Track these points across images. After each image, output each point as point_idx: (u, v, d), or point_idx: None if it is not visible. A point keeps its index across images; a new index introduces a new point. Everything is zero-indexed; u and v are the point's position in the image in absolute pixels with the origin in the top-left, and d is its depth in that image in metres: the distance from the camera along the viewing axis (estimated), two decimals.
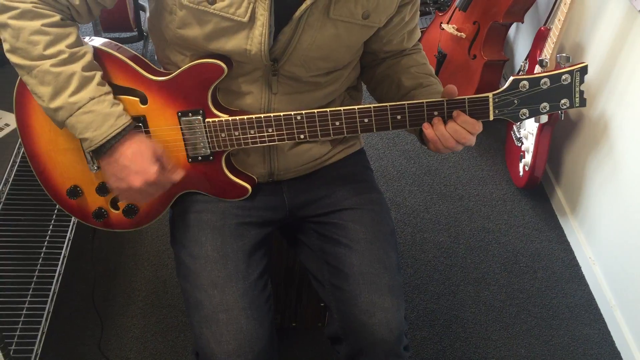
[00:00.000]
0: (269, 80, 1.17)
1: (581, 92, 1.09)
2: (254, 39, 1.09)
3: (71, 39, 1.08)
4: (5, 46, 1.07)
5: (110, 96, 1.10)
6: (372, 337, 1.17)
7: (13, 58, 1.07)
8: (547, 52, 2.07)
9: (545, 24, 2.27)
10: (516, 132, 2.36)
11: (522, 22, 2.43)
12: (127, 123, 1.10)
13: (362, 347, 1.20)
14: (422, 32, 2.74)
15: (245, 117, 1.15)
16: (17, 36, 1.04)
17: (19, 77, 1.13)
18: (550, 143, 2.19)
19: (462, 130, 1.10)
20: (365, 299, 1.18)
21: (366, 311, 1.17)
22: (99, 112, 1.07)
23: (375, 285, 1.19)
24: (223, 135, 1.16)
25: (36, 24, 1.04)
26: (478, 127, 1.10)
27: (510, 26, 2.48)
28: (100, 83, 1.10)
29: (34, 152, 1.21)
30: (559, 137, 2.30)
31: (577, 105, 1.10)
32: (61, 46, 1.06)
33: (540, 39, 2.19)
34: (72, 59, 1.07)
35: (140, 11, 2.67)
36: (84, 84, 1.07)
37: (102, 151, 1.10)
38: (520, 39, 2.69)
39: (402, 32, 1.25)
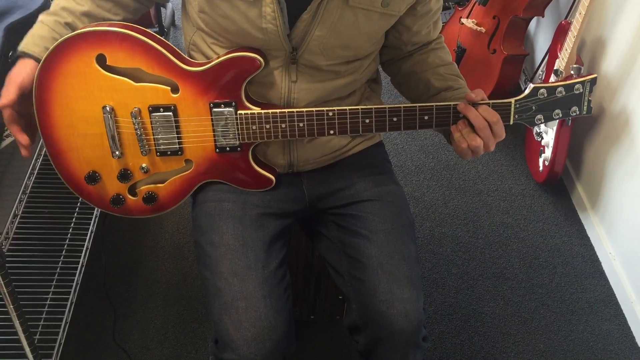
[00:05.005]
0: (289, 69, 1.18)
1: (589, 101, 1.19)
2: (267, 17, 1.10)
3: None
4: None
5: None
6: (390, 327, 1.18)
7: None
8: (568, 47, 2.05)
9: (566, 18, 2.26)
10: (536, 127, 2.34)
11: (543, 16, 2.41)
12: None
13: (381, 337, 1.21)
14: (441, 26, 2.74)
15: (277, 110, 1.17)
16: None
17: (40, 64, 1.14)
18: (571, 138, 2.17)
19: (480, 117, 1.14)
20: (384, 289, 1.18)
21: (385, 301, 1.18)
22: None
23: (394, 276, 1.19)
24: (254, 127, 1.18)
25: None
26: (495, 117, 1.14)
27: (530, 20, 2.47)
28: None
29: (51, 137, 1.20)
30: (580, 131, 2.28)
31: (585, 113, 1.20)
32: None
33: (560, 33, 2.18)
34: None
35: (161, 7, 2.70)
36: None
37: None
38: (541, 33, 2.67)
39: (429, 22, 1.26)
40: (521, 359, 1.84)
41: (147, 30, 1.17)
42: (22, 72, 1.15)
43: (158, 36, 1.17)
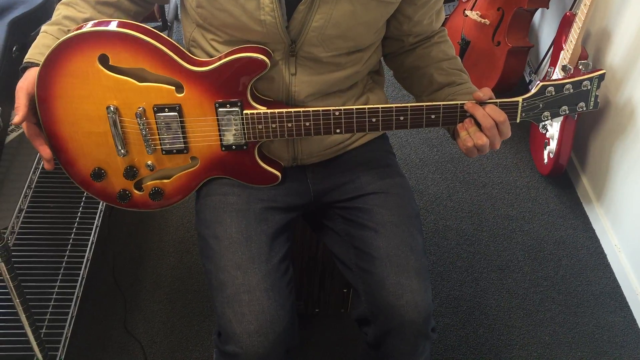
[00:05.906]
0: (289, 62, 1.18)
1: (596, 96, 1.18)
2: (266, 8, 1.10)
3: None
4: None
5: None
6: (400, 319, 1.18)
7: None
8: (573, 38, 2.04)
9: (570, 9, 2.25)
10: None
11: (547, 8, 2.40)
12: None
13: (391, 329, 1.21)
14: (445, 19, 2.73)
15: (284, 110, 1.16)
16: None
17: (42, 62, 1.14)
18: (576, 130, 2.17)
19: (487, 117, 1.14)
20: (393, 281, 1.19)
21: (394, 293, 1.18)
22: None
23: (402, 268, 1.20)
24: (260, 126, 1.18)
25: None
26: (503, 117, 1.15)
27: (535, 12, 2.46)
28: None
29: (55, 134, 1.20)
30: (585, 123, 2.27)
31: (591, 108, 1.20)
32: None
33: (565, 24, 2.17)
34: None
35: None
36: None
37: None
38: (546, 24, 2.65)
39: (430, 11, 1.25)
40: (526, 352, 1.84)
41: (150, 28, 1.16)
42: (29, 79, 1.16)
43: (161, 35, 1.16)
